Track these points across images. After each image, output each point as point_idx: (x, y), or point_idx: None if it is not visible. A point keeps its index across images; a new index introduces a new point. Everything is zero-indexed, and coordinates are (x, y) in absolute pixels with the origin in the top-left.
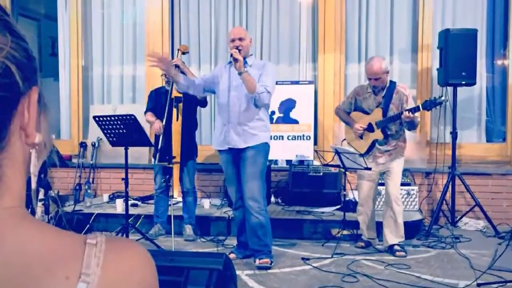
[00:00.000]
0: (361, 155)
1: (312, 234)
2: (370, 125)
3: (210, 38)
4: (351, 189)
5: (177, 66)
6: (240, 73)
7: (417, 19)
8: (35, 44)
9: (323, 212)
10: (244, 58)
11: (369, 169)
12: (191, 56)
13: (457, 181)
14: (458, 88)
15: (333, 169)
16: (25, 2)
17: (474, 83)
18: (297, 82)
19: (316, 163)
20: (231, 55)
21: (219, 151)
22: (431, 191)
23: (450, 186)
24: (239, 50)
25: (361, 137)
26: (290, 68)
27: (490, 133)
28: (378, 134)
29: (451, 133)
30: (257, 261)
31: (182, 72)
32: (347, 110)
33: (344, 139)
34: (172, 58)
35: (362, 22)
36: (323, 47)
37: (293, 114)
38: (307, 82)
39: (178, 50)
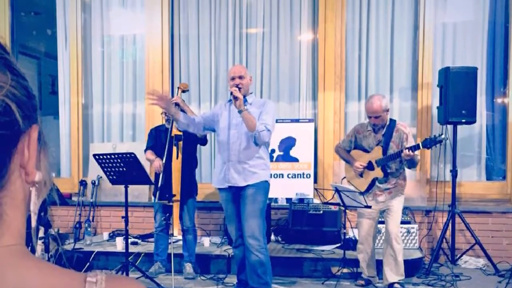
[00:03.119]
0: (361, 193)
1: (312, 272)
2: (370, 163)
3: (210, 76)
4: (351, 227)
5: (177, 104)
6: (240, 111)
7: (417, 57)
8: (35, 82)
9: (323, 250)
10: (244, 96)
11: (369, 207)
12: (191, 94)
13: (457, 219)
14: (458, 126)
15: (333, 207)
16: (25, 40)
17: (474, 121)
18: (297, 120)
19: (316, 201)
20: (231, 93)
21: (219, 189)
22: (431, 229)
23: (450, 224)
24: (239, 88)
25: (361, 175)
26: (290, 106)
27: (490, 171)
28: (378, 172)
29: (451, 171)
30: None
31: (182, 110)
32: (347, 148)
33: (344, 177)
34: (172, 96)
35: (362, 60)
36: (323, 85)
37: (293, 152)
38: (307, 120)
39: (178, 88)
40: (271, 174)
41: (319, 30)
